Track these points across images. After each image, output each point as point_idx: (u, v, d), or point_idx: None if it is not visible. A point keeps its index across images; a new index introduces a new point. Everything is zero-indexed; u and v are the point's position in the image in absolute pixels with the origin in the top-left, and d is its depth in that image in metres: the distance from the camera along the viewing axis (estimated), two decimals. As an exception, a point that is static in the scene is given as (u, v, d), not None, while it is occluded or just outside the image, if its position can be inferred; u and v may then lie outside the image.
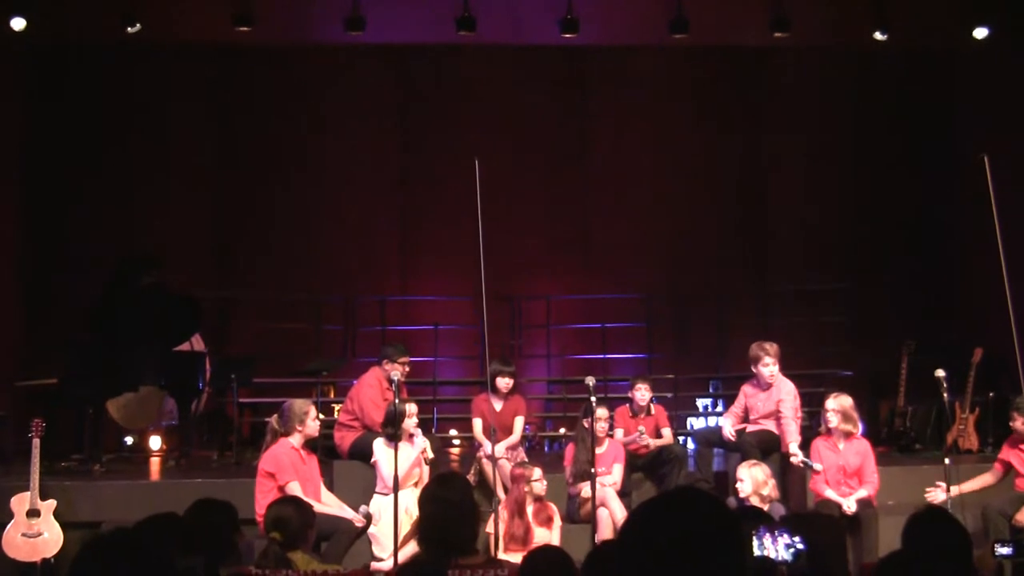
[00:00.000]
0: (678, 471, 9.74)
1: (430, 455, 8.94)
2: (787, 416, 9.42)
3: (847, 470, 8.95)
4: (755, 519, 4.73)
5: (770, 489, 8.33)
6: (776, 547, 4.04)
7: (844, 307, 13.91)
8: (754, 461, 8.66)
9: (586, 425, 9.18)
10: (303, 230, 15.15)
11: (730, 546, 2.62)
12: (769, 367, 9.63)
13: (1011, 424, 9.02)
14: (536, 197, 15.42)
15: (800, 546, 4.05)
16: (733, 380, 12.16)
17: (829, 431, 9.06)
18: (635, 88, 15.56)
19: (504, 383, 9.89)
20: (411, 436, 8.92)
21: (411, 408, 8.96)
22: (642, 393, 10.04)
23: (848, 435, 9.06)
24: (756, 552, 4.02)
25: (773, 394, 9.63)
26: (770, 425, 9.60)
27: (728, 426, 9.74)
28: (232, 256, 15.24)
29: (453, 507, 4.86)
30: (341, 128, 15.35)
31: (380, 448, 8.96)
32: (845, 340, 13.91)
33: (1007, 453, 9.06)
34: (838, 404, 9.06)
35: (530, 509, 8.71)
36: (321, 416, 9.01)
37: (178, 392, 11.53)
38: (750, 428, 9.72)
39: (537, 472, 8.82)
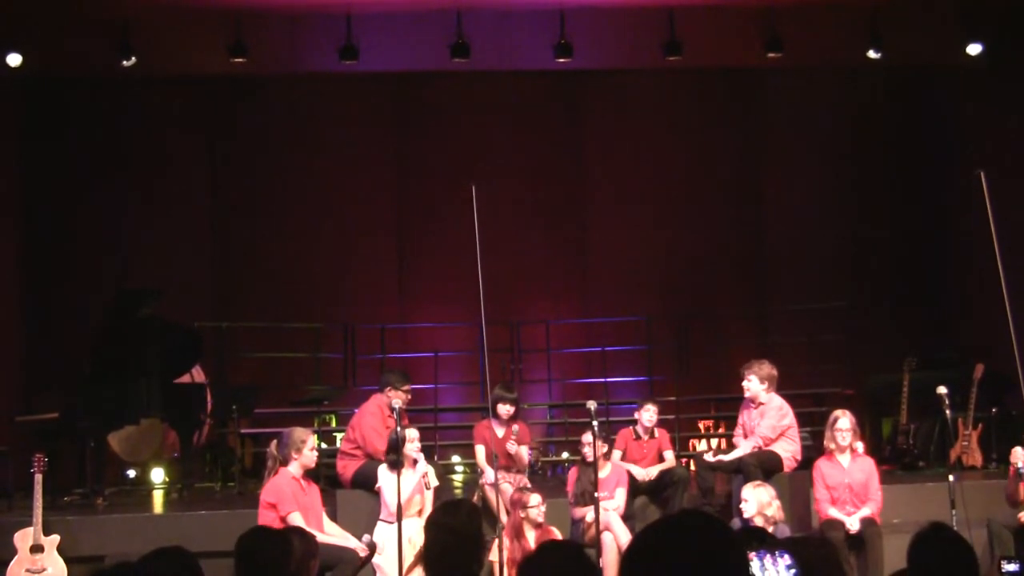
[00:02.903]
0: (681, 494, 9.72)
1: (432, 481, 8.94)
2: (761, 433, 9.45)
3: (854, 488, 8.94)
4: (759, 540, 4.70)
5: (774, 510, 8.27)
6: (776, 569, 4.02)
7: (844, 325, 13.87)
8: (758, 482, 8.63)
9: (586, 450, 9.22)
10: (300, 258, 15.15)
11: (734, 568, 2.61)
12: (744, 382, 9.65)
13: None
14: (534, 222, 15.44)
15: (795, 570, 4.03)
16: (734, 401, 12.13)
17: (840, 448, 9.03)
18: (631, 111, 15.61)
19: (505, 410, 9.85)
20: (414, 462, 8.95)
21: (412, 433, 9.00)
22: (651, 415, 10.00)
23: (852, 452, 9.06)
24: (757, 574, 4.00)
25: (762, 412, 9.62)
26: (772, 445, 9.58)
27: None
28: (230, 286, 15.24)
29: (458, 534, 4.83)
30: (337, 156, 15.40)
31: (384, 475, 8.96)
32: (846, 359, 13.87)
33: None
34: (850, 422, 9.06)
35: (532, 535, 8.64)
36: (323, 445, 8.98)
37: (179, 424, 11.51)
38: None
39: (536, 498, 8.72)
